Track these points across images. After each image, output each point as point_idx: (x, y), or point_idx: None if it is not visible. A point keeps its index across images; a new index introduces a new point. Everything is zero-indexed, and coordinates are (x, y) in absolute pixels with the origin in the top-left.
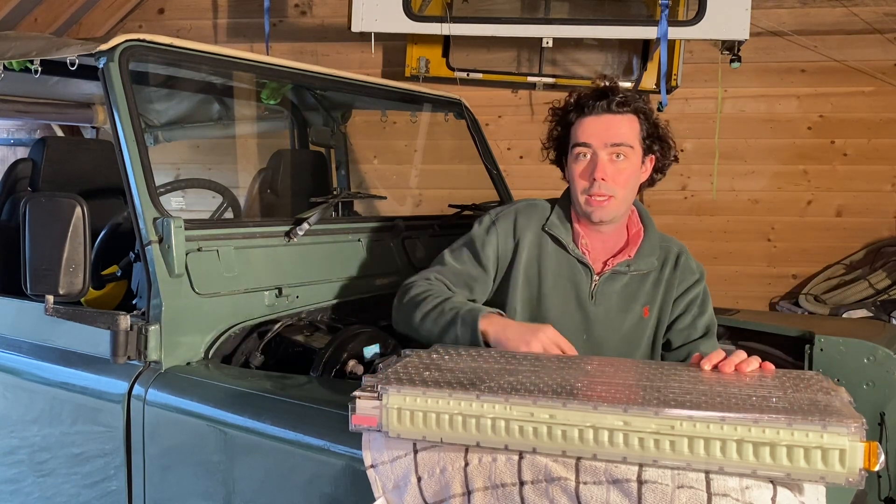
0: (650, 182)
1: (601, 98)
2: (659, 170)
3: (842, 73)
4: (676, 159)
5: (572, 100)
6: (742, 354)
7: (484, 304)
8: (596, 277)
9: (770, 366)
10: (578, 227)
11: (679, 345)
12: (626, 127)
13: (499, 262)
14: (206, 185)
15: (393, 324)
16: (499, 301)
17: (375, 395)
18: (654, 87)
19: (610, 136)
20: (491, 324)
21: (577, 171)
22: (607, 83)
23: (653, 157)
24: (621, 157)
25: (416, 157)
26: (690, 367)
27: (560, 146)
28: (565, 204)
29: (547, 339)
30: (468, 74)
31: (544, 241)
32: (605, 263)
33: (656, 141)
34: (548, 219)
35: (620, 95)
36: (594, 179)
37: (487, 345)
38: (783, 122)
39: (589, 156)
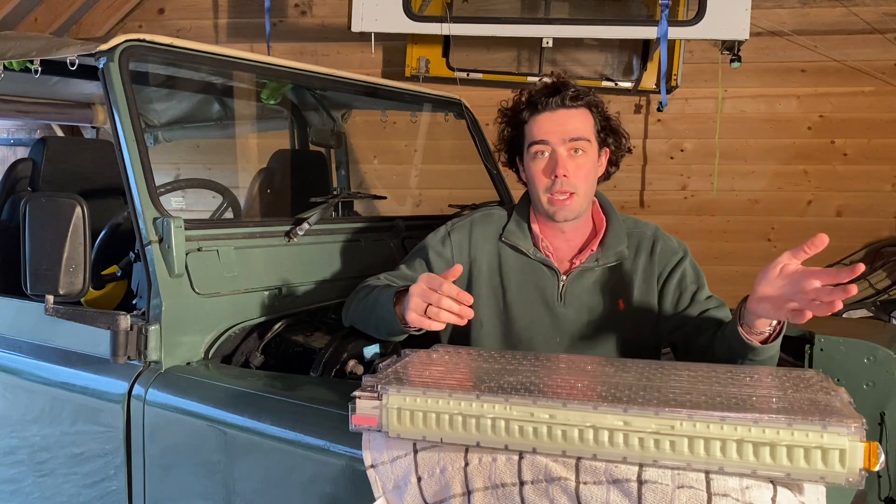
0: (606, 176)
1: (554, 94)
2: (613, 163)
3: (842, 73)
4: (630, 151)
5: (524, 98)
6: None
7: None
8: (563, 278)
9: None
10: (539, 230)
11: (699, 323)
12: (581, 121)
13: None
14: (206, 185)
15: (343, 320)
16: None
17: (375, 395)
18: (654, 87)
19: (567, 131)
20: (399, 299)
21: (536, 170)
22: (557, 78)
23: (607, 150)
24: (580, 151)
25: (416, 157)
26: (690, 367)
27: (513, 148)
28: (524, 208)
29: (420, 287)
30: (468, 74)
31: (504, 251)
32: (571, 262)
33: (610, 134)
34: (505, 227)
35: (573, 90)
36: (556, 177)
37: (405, 322)
38: (783, 122)
39: (548, 153)
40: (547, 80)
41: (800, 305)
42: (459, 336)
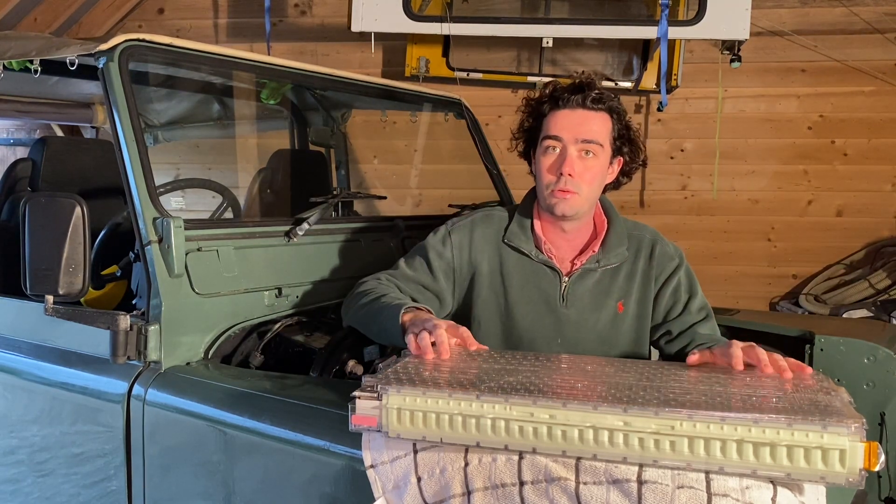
0: (616, 185)
1: (577, 92)
2: (626, 173)
3: (842, 73)
4: (644, 164)
5: (548, 91)
6: (778, 358)
7: (450, 318)
8: (565, 279)
9: (807, 369)
10: (541, 230)
11: (679, 332)
12: (598, 124)
13: (454, 274)
14: (206, 185)
15: (342, 318)
16: (465, 315)
17: (375, 395)
18: (654, 87)
19: (582, 131)
20: (408, 315)
21: (544, 165)
22: (584, 78)
23: (621, 159)
24: (590, 154)
25: (416, 157)
26: (690, 367)
27: (529, 138)
28: (527, 208)
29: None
30: (468, 74)
31: (505, 252)
32: (573, 263)
33: (626, 143)
34: (507, 229)
35: (596, 92)
36: (561, 174)
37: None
38: (783, 122)
39: (558, 150)
40: (575, 78)
41: None
42: None
